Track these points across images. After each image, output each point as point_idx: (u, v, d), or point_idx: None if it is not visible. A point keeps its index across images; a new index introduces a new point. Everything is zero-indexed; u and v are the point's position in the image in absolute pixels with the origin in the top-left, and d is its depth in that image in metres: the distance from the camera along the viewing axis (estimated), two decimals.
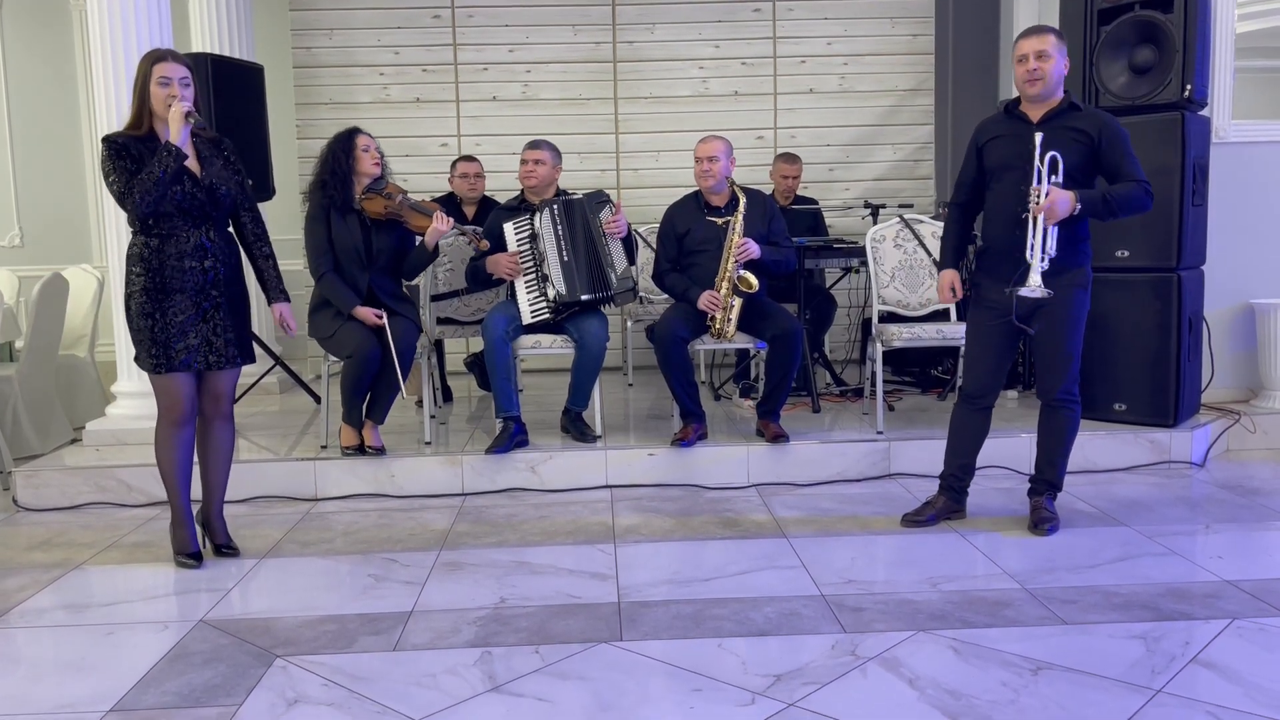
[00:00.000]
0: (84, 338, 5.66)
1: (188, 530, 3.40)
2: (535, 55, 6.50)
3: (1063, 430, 3.51)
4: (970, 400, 3.58)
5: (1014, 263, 3.34)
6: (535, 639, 2.73)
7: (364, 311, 4.08)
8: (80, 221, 7.41)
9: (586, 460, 4.23)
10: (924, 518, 3.63)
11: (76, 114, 7.38)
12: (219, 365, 3.30)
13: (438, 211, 4.20)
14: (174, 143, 3.12)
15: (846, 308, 6.22)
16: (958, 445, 3.64)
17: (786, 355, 4.22)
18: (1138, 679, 2.41)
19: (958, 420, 3.63)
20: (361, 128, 4.27)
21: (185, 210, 3.21)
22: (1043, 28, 3.42)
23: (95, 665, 2.63)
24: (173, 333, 3.22)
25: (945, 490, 3.68)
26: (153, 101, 3.18)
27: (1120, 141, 3.33)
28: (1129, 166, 3.32)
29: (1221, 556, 3.25)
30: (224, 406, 3.41)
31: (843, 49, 6.57)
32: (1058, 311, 3.38)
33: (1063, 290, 3.36)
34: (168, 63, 3.18)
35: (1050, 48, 3.33)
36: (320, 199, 4.17)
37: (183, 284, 3.22)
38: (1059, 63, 3.35)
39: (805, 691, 2.38)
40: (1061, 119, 3.37)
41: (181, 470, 3.33)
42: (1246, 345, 5.01)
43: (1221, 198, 4.82)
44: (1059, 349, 3.42)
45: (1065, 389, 3.45)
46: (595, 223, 4.33)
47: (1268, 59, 6.06)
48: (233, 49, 5.57)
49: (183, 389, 3.27)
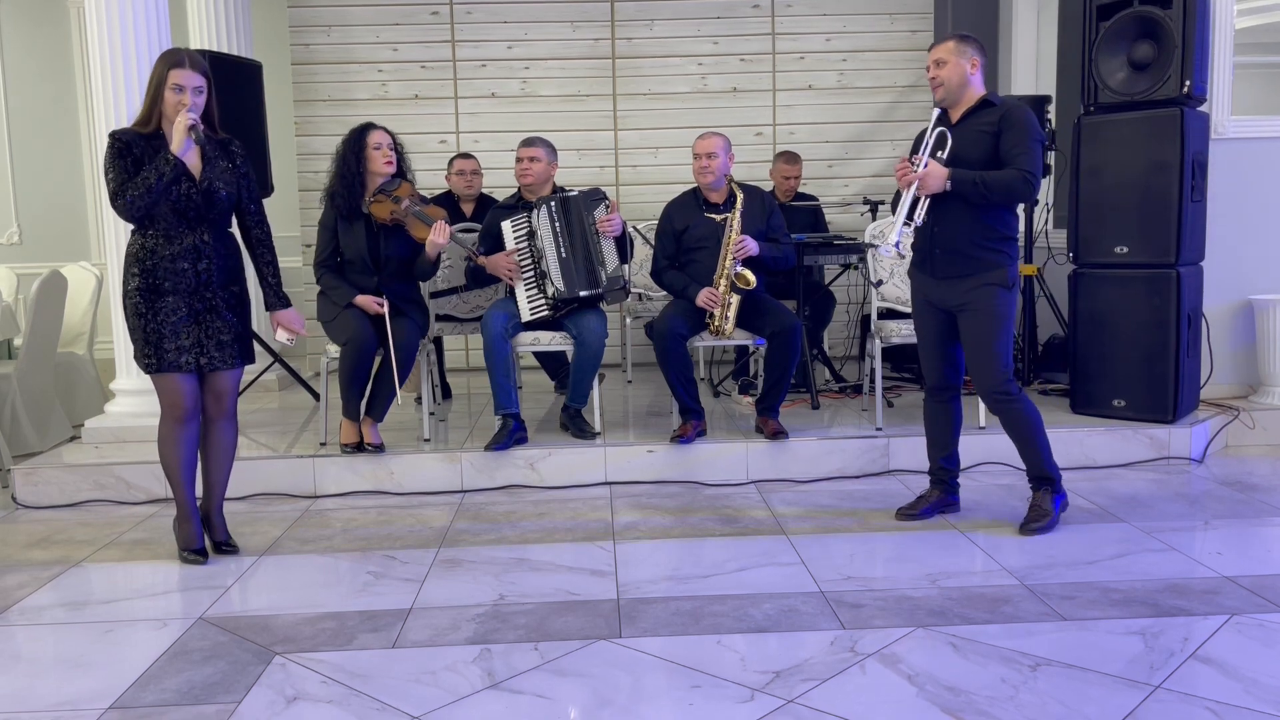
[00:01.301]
0: (83, 335, 5.66)
1: (193, 526, 3.39)
2: (534, 52, 6.50)
3: (1018, 425, 3.48)
4: (931, 393, 3.65)
5: (932, 258, 3.47)
6: (534, 636, 2.73)
7: (365, 299, 4.09)
8: (79, 219, 7.40)
9: (586, 457, 4.23)
10: (917, 511, 3.65)
11: (75, 111, 7.37)
12: (210, 368, 3.29)
13: (439, 223, 4.14)
14: (174, 153, 3.12)
15: (845, 304, 6.22)
16: (933, 438, 3.69)
17: (785, 352, 4.21)
18: (1136, 675, 2.41)
19: (927, 414, 3.69)
20: (376, 123, 4.23)
21: (180, 211, 3.20)
22: (945, 36, 3.49)
23: (95, 663, 2.63)
24: (165, 333, 3.22)
25: (935, 483, 3.72)
26: (165, 105, 3.18)
27: (1016, 128, 3.33)
28: (1018, 154, 3.31)
29: (1220, 552, 3.26)
30: (226, 406, 3.41)
31: (842, 45, 6.56)
32: (978, 311, 3.40)
33: (982, 289, 3.39)
34: (184, 70, 3.16)
35: (947, 54, 3.40)
36: (329, 207, 4.20)
37: (175, 285, 3.22)
38: (958, 65, 3.39)
39: (804, 688, 2.38)
40: (975, 117, 3.42)
41: (186, 467, 3.33)
42: (1245, 341, 5.01)
43: (1221, 194, 4.81)
44: (981, 348, 3.42)
45: (997, 388, 3.43)
46: (590, 220, 4.33)
47: (1267, 54, 6.05)
48: (231, 46, 5.56)
49: (181, 388, 3.27)
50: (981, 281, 3.39)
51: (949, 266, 3.44)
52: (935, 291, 3.51)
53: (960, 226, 3.39)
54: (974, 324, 3.42)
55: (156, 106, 3.19)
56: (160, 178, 3.10)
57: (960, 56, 3.39)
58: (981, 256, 3.39)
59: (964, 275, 3.41)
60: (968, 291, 3.42)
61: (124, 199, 3.12)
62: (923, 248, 3.51)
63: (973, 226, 3.38)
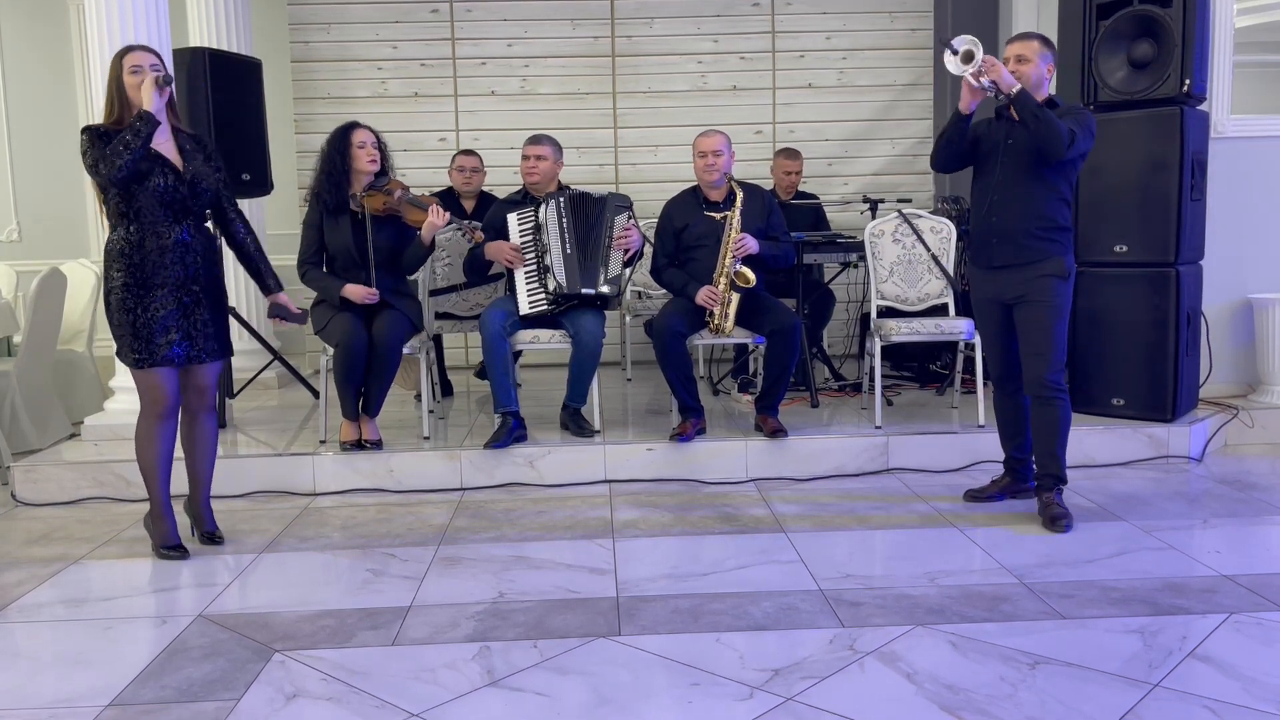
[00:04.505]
0: (82, 333, 5.65)
1: (168, 523, 3.41)
2: (533, 50, 6.50)
3: (1054, 423, 3.52)
4: (997, 385, 3.73)
5: (989, 248, 3.54)
6: (534, 633, 2.73)
7: (355, 288, 4.10)
8: (78, 216, 7.40)
9: (585, 455, 4.23)
10: (985, 495, 3.79)
11: (74, 108, 7.36)
12: (199, 359, 3.32)
13: (434, 205, 4.20)
14: (148, 109, 3.13)
15: (845, 303, 6.21)
16: (1001, 429, 3.79)
17: (785, 350, 4.21)
18: (1135, 673, 2.41)
19: (996, 406, 3.78)
20: (360, 121, 4.27)
21: (167, 204, 3.22)
22: (1031, 34, 3.53)
23: (94, 660, 2.63)
24: (155, 328, 3.24)
25: (1008, 471, 3.82)
26: (128, 90, 3.20)
27: (1078, 114, 3.43)
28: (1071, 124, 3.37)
29: (1219, 551, 3.26)
30: (207, 399, 3.43)
31: (841, 44, 6.56)
32: (1035, 302, 3.47)
33: (1039, 281, 3.46)
34: (136, 52, 3.22)
35: (1032, 53, 3.45)
36: (314, 206, 4.24)
37: (164, 278, 3.23)
38: (1038, 67, 3.45)
39: (803, 686, 2.39)
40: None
41: (163, 464, 3.37)
42: (1245, 340, 5.01)
43: (1220, 193, 4.82)
44: (1037, 341, 3.48)
45: (1049, 380, 3.47)
46: (608, 223, 4.33)
47: (1267, 54, 6.05)
48: (230, 43, 5.55)
49: (165, 384, 3.29)
50: (1038, 273, 3.46)
51: (1006, 254, 3.51)
52: (993, 285, 3.58)
53: (1018, 216, 3.47)
54: (1031, 316, 3.49)
55: (120, 98, 3.22)
56: (136, 133, 3.11)
57: (1042, 60, 3.47)
58: (1038, 245, 3.47)
59: (1022, 264, 3.48)
60: (1025, 283, 3.48)
61: (106, 161, 3.11)
62: (980, 237, 3.59)
63: (1030, 216, 3.46)
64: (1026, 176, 3.46)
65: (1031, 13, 5.95)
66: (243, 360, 5.37)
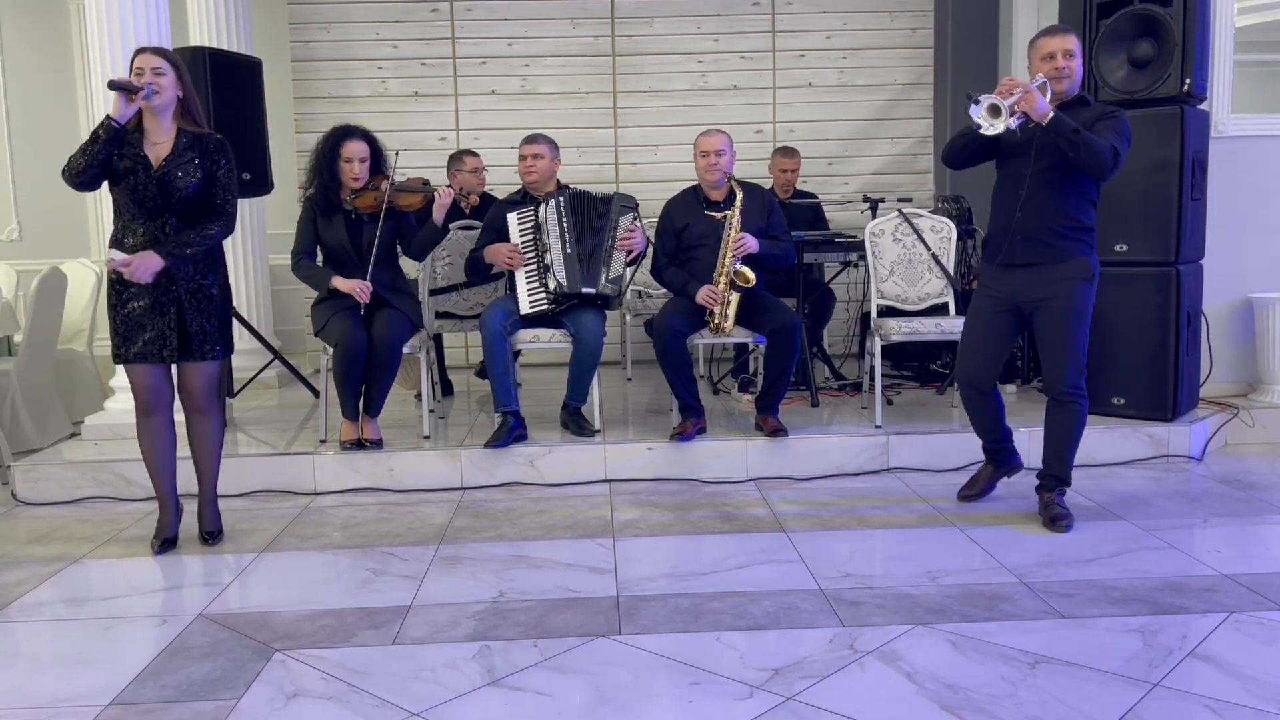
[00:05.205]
0: (82, 332, 5.65)
1: (160, 517, 3.49)
2: (533, 49, 6.50)
3: (1070, 425, 3.50)
4: (969, 386, 3.64)
5: (1011, 245, 3.45)
6: (534, 633, 2.73)
7: (342, 282, 4.10)
8: (79, 216, 7.40)
9: (585, 455, 4.23)
10: (977, 491, 3.78)
11: (74, 108, 7.36)
12: (172, 359, 3.32)
13: (441, 188, 4.24)
14: (112, 115, 3.15)
15: (845, 302, 6.22)
16: (977, 426, 3.73)
17: (785, 349, 4.21)
18: (1135, 673, 2.41)
19: (967, 407, 3.71)
20: (356, 129, 4.22)
21: (139, 201, 3.24)
22: (1064, 27, 3.49)
23: (94, 659, 2.63)
24: (131, 325, 3.27)
25: (989, 460, 3.80)
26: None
27: (1109, 118, 3.39)
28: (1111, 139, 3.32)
29: (1219, 550, 3.26)
30: (198, 401, 3.42)
31: (841, 43, 6.56)
32: (1058, 304, 3.41)
33: (1063, 283, 3.40)
34: (143, 54, 3.23)
35: (1075, 47, 3.42)
36: (309, 202, 4.28)
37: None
38: (1081, 63, 3.45)
39: (803, 685, 2.39)
40: (1070, 112, 3.40)
41: (155, 458, 3.41)
42: (1245, 339, 5.01)
43: (1220, 192, 4.82)
44: (1060, 342, 3.42)
45: (1071, 383, 3.44)
46: (612, 223, 4.33)
47: (1267, 53, 6.04)
48: (231, 43, 5.55)
49: (144, 380, 3.32)
50: (1063, 274, 3.40)
51: (1030, 253, 3.43)
52: (1008, 286, 3.49)
53: (1043, 215, 3.40)
54: (1054, 319, 3.42)
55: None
56: (94, 139, 3.16)
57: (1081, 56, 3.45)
58: (1063, 245, 3.40)
59: (1046, 263, 3.41)
60: (1049, 284, 3.41)
61: (69, 166, 3.18)
62: (1000, 236, 3.50)
63: (1055, 215, 3.39)
64: (1058, 176, 3.38)
65: (1031, 13, 5.94)
66: (243, 360, 5.37)
